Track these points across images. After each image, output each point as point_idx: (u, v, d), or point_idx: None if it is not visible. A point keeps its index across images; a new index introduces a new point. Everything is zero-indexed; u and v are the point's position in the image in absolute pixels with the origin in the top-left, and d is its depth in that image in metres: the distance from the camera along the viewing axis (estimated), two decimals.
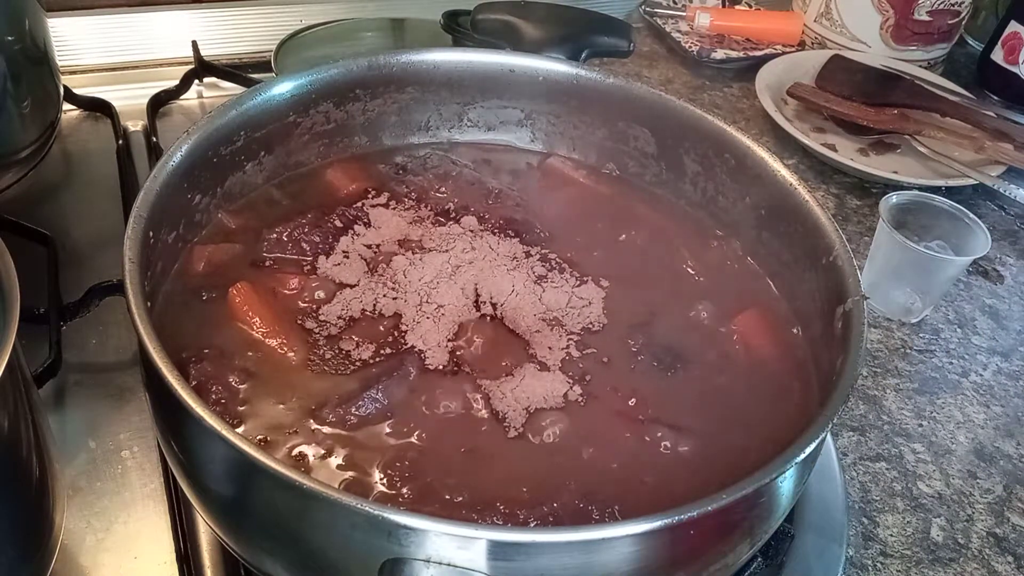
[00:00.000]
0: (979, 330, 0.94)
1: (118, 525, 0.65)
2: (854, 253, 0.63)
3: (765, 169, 0.71)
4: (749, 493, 0.47)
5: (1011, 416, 0.85)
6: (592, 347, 0.64)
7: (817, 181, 1.11)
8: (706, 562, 0.52)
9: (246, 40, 1.17)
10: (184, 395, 0.47)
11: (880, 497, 0.76)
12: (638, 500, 0.55)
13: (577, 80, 0.78)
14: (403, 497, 0.53)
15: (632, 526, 0.45)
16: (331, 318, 0.63)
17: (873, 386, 0.86)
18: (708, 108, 0.75)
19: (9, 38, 0.80)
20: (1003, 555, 0.73)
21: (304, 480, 0.44)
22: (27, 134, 0.86)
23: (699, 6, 1.36)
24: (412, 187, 0.76)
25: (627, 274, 0.70)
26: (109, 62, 1.11)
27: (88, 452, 0.69)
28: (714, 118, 0.74)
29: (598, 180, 0.80)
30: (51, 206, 0.91)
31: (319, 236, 0.69)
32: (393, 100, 0.78)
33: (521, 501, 0.53)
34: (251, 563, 0.54)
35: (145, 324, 0.50)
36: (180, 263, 0.66)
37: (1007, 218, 1.11)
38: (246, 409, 0.57)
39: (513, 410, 0.59)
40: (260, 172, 0.73)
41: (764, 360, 0.66)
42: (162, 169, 0.61)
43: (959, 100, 1.18)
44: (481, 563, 0.44)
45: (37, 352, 0.72)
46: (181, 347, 0.59)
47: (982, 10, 1.43)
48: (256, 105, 0.70)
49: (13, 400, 0.51)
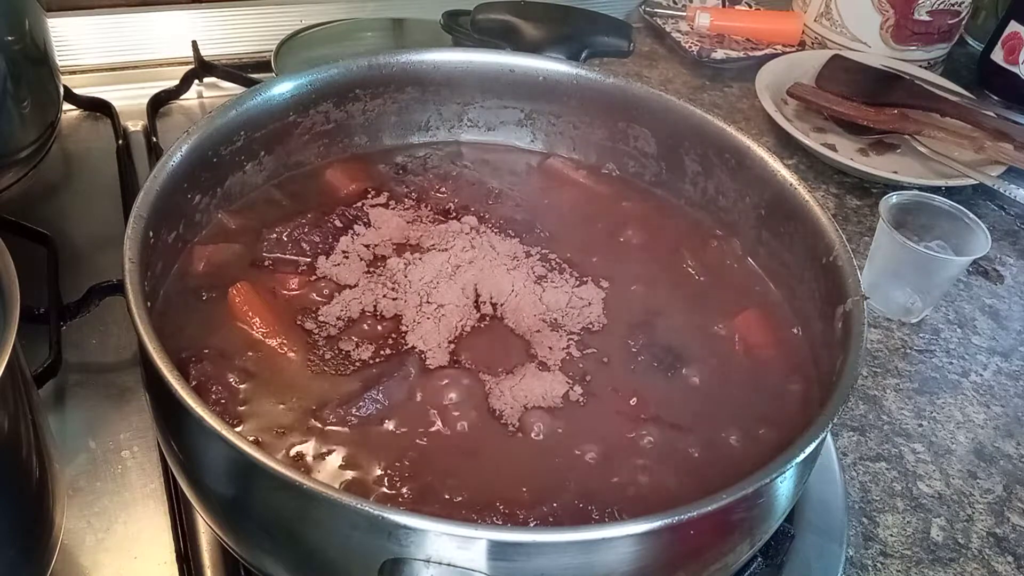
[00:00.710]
0: (979, 330, 0.94)
1: (118, 525, 0.65)
2: (854, 253, 0.63)
3: (765, 169, 0.71)
4: (749, 493, 0.47)
5: (1011, 416, 0.85)
6: (592, 347, 0.64)
7: (817, 181, 1.11)
8: (706, 562, 0.52)
9: (246, 40, 1.17)
10: (184, 395, 0.47)
11: (880, 497, 0.76)
12: (638, 500, 0.55)
13: (577, 80, 0.78)
14: (403, 497, 0.53)
15: (632, 526, 0.45)
16: (331, 318, 0.63)
17: (873, 386, 0.86)
18: (708, 108, 0.75)
19: (9, 38, 0.80)
20: (1003, 555, 0.73)
21: (304, 480, 0.44)
22: (27, 134, 0.86)
23: (699, 6, 1.36)
24: (412, 187, 0.76)
25: (627, 274, 0.70)
26: (109, 62, 1.11)
27: (88, 452, 0.69)
28: (714, 118, 0.74)
29: (598, 180, 0.80)
30: (51, 206, 0.91)
31: (319, 236, 0.69)
32: (393, 100, 0.78)
33: (521, 501, 0.53)
34: (251, 563, 0.54)
35: (145, 324, 0.50)
36: (180, 263, 0.66)
37: (1007, 218, 1.11)
38: (246, 409, 0.57)
39: (513, 409, 0.59)
40: (260, 172, 0.73)
41: (764, 360, 0.66)
42: (162, 169, 0.61)
43: (959, 100, 1.18)
44: (481, 563, 0.44)
45: (37, 352, 0.72)
46: (181, 347, 0.59)
47: (982, 10, 1.43)
48: (256, 105, 0.70)
49: (13, 400, 0.51)
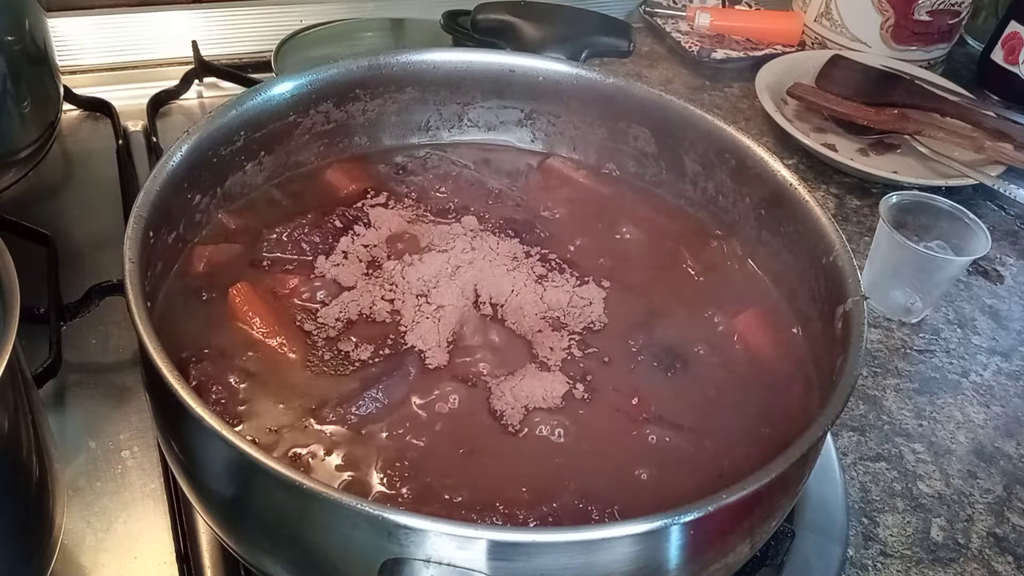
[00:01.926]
0: (979, 330, 0.94)
1: (118, 525, 0.65)
2: (854, 253, 0.63)
3: (765, 169, 0.71)
4: (749, 493, 0.47)
5: (1011, 416, 0.85)
6: (593, 347, 0.64)
7: (817, 181, 1.11)
8: (706, 562, 0.52)
9: (246, 40, 1.17)
10: (184, 395, 0.47)
11: (880, 497, 0.76)
12: (637, 500, 0.55)
13: (577, 80, 0.78)
14: (403, 497, 0.53)
15: (632, 526, 0.45)
16: (331, 318, 0.63)
17: (873, 386, 0.86)
18: (708, 108, 0.75)
19: (9, 38, 0.80)
20: (1003, 555, 0.73)
21: (304, 480, 0.44)
22: (27, 134, 0.86)
23: (699, 6, 1.36)
24: (412, 187, 0.76)
25: (627, 274, 0.70)
26: (109, 62, 1.11)
27: (88, 452, 0.69)
28: (714, 118, 0.74)
29: (598, 180, 0.80)
30: (51, 206, 0.91)
31: (319, 236, 0.69)
32: (393, 100, 0.78)
33: (521, 501, 0.53)
34: (251, 563, 0.54)
35: (145, 324, 0.50)
36: (180, 263, 0.66)
37: (1007, 218, 1.11)
38: (246, 409, 0.57)
39: (513, 410, 0.59)
40: (260, 172, 0.73)
41: (764, 360, 0.66)
42: (162, 169, 0.61)
43: (959, 100, 1.18)
44: (481, 563, 0.44)
45: (37, 352, 0.72)
46: (181, 347, 0.59)
47: (982, 10, 1.43)
48: (256, 105, 0.70)
49: (13, 400, 0.51)
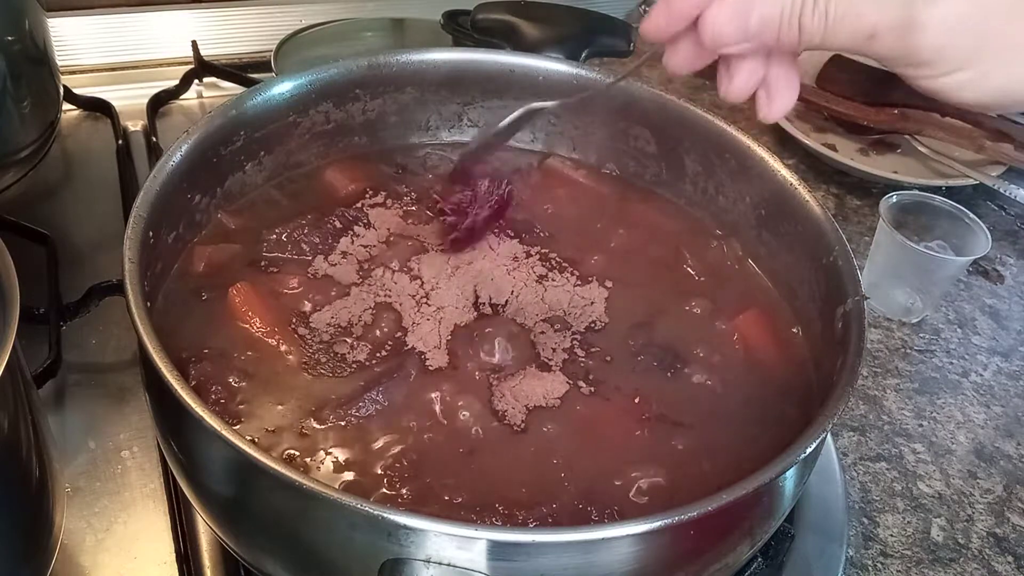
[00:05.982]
0: (979, 330, 0.94)
1: (118, 525, 0.65)
2: (854, 253, 0.63)
3: (765, 169, 0.71)
4: (749, 493, 0.47)
5: (1011, 416, 0.85)
6: (595, 346, 0.64)
7: (817, 181, 1.11)
8: (706, 562, 0.51)
9: (246, 40, 1.17)
10: (184, 395, 0.47)
11: (880, 497, 0.76)
12: (637, 500, 0.55)
13: (577, 80, 0.78)
14: (403, 497, 0.53)
15: (632, 526, 0.45)
16: (330, 319, 0.63)
17: (873, 386, 0.86)
18: (708, 108, 0.75)
19: (9, 38, 0.80)
20: (1003, 555, 0.73)
21: (304, 480, 0.44)
22: (27, 134, 0.86)
23: None
24: (412, 187, 0.76)
25: (628, 274, 0.70)
26: (109, 62, 1.11)
27: (88, 452, 0.69)
28: (714, 118, 0.74)
29: (598, 180, 0.80)
30: (51, 206, 0.91)
31: (319, 236, 0.69)
32: (393, 100, 0.78)
33: (520, 502, 0.53)
34: (251, 563, 0.54)
35: (145, 324, 0.50)
36: (180, 263, 0.66)
37: (1007, 218, 1.11)
38: (245, 409, 0.57)
39: (514, 410, 0.59)
40: (260, 172, 0.73)
41: (764, 360, 0.66)
42: (162, 169, 0.61)
43: None
44: (481, 563, 0.44)
45: (37, 352, 0.72)
46: (181, 347, 0.59)
47: None
48: (256, 105, 0.70)
49: (13, 400, 0.51)
